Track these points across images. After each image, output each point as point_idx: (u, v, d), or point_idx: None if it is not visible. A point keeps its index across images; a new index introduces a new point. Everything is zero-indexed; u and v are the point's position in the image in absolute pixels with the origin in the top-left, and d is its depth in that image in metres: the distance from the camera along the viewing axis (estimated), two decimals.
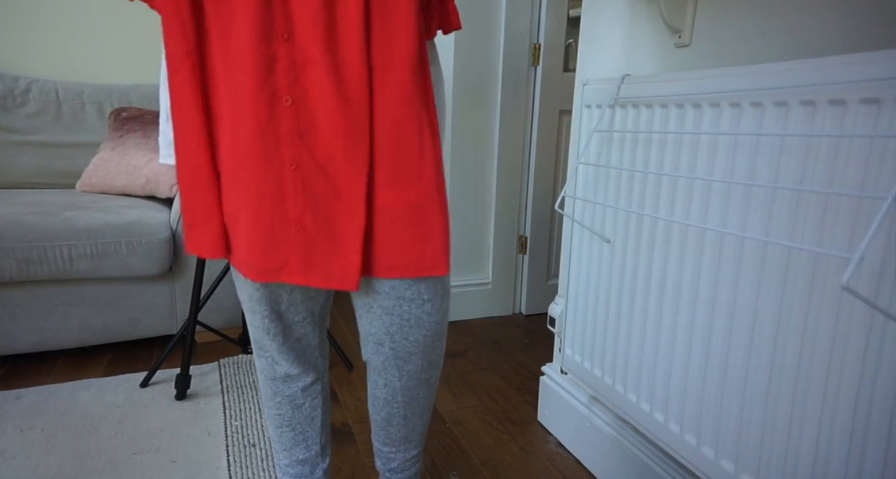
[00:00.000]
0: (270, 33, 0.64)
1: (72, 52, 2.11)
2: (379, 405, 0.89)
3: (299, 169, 0.68)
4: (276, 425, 0.90)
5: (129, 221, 1.56)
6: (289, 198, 0.69)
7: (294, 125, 0.67)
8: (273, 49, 0.65)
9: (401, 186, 0.72)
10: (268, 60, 0.65)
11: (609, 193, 1.02)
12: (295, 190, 0.69)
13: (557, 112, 2.06)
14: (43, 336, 1.55)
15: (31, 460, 1.15)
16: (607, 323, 1.05)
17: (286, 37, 0.65)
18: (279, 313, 0.82)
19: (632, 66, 1.08)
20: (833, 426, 0.65)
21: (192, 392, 1.45)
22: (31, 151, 1.95)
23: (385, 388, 0.86)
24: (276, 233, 0.71)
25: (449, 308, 0.94)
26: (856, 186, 0.61)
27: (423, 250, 0.74)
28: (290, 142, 0.67)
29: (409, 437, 0.92)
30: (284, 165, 0.68)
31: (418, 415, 0.90)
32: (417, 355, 0.82)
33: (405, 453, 0.93)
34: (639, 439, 1.09)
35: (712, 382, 0.82)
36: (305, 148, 0.68)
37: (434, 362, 0.85)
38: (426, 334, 0.81)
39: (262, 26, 0.64)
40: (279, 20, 0.64)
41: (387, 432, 0.91)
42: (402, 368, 0.83)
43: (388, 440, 0.92)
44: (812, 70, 0.65)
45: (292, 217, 0.70)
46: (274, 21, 0.64)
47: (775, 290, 0.71)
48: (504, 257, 2.15)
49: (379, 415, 0.90)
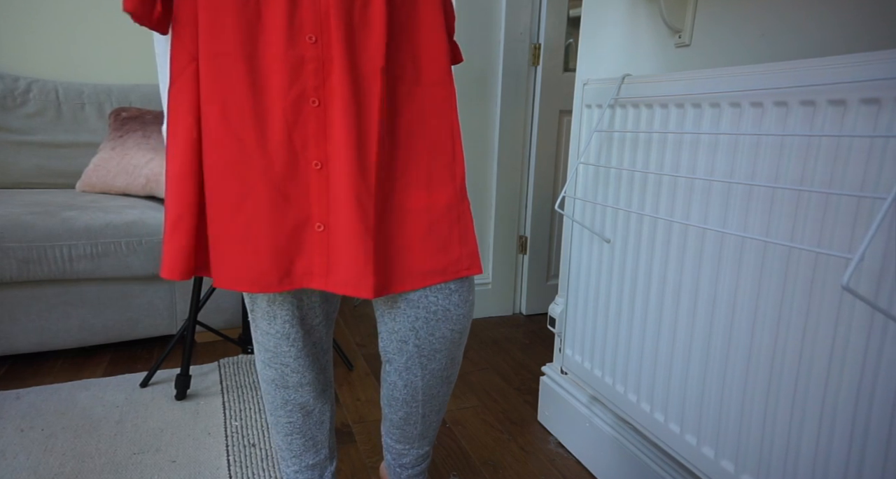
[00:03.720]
0: (299, 36, 0.67)
1: (72, 52, 2.11)
2: (397, 405, 0.87)
3: (324, 168, 0.69)
4: (286, 432, 0.88)
5: (128, 221, 1.56)
6: (313, 198, 0.70)
7: (321, 126, 0.69)
8: (301, 51, 0.67)
9: (437, 189, 0.75)
10: (297, 62, 0.67)
11: (609, 193, 1.02)
12: (319, 190, 0.70)
13: (557, 112, 2.06)
14: (43, 336, 1.55)
15: (31, 460, 1.15)
16: (607, 323, 1.05)
17: (313, 40, 0.67)
18: (301, 318, 0.80)
19: (632, 66, 1.08)
20: (833, 426, 0.65)
21: (192, 392, 1.45)
22: (31, 151, 1.94)
23: (405, 389, 0.84)
24: (300, 235, 0.70)
25: (474, 303, 0.93)
26: (856, 186, 0.61)
27: (460, 251, 0.76)
28: (317, 142, 0.69)
29: (424, 434, 0.90)
30: (310, 164, 0.69)
31: (435, 412, 0.88)
32: (442, 353, 0.81)
33: (419, 449, 0.92)
34: (639, 439, 1.09)
35: (712, 382, 0.82)
36: (331, 147, 0.69)
37: (456, 359, 0.84)
38: (453, 329, 0.79)
39: (291, 29, 0.66)
40: (307, 24, 0.67)
41: (402, 430, 0.89)
42: (426, 366, 0.81)
43: (402, 438, 0.90)
44: (812, 70, 0.65)
45: (315, 218, 0.70)
46: (303, 25, 0.67)
47: (775, 290, 0.71)
48: (504, 257, 2.15)
49: (396, 415, 0.88)
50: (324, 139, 0.69)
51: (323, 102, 0.68)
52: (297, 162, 0.69)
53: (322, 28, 0.67)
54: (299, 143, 0.69)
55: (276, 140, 0.68)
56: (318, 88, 0.68)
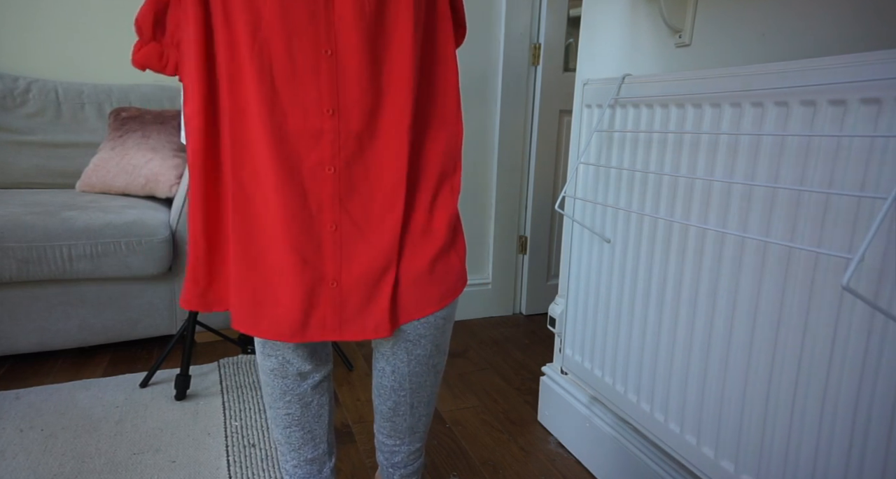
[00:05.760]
0: (319, 109, 0.72)
1: (72, 52, 2.11)
2: (385, 394, 0.89)
3: (339, 230, 0.75)
4: (285, 425, 0.90)
5: (128, 221, 1.56)
6: (327, 257, 0.75)
7: (335, 190, 0.74)
8: (320, 123, 0.72)
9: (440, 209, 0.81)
10: (316, 133, 0.72)
11: (609, 193, 1.02)
12: (334, 249, 0.75)
13: (557, 112, 2.06)
14: (43, 336, 1.55)
15: (31, 460, 1.15)
16: (607, 323, 1.05)
17: (331, 112, 0.72)
18: None
19: (632, 66, 1.08)
20: (833, 426, 0.65)
21: (192, 392, 1.45)
22: (31, 151, 1.94)
23: (392, 375, 0.86)
24: (315, 292, 0.76)
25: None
26: (856, 187, 0.61)
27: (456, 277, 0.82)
28: (332, 206, 0.75)
29: (414, 428, 0.92)
30: (325, 226, 0.75)
31: (424, 404, 0.91)
32: (427, 339, 0.83)
33: (409, 446, 0.93)
34: (639, 439, 1.09)
35: (712, 382, 0.82)
36: (345, 212, 0.75)
37: (441, 348, 0.87)
38: (437, 314, 0.83)
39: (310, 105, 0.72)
40: (326, 98, 0.72)
41: (392, 423, 0.91)
42: (412, 352, 0.84)
43: (392, 432, 0.92)
44: (812, 70, 0.65)
45: (330, 276, 0.75)
46: (322, 98, 0.71)
47: (775, 290, 0.71)
48: (504, 257, 2.15)
49: (385, 405, 0.90)
50: (338, 203, 0.75)
51: (338, 170, 0.74)
52: (313, 225, 0.75)
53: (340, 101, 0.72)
54: (315, 207, 0.74)
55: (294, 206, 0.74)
56: (333, 158, 0.73)
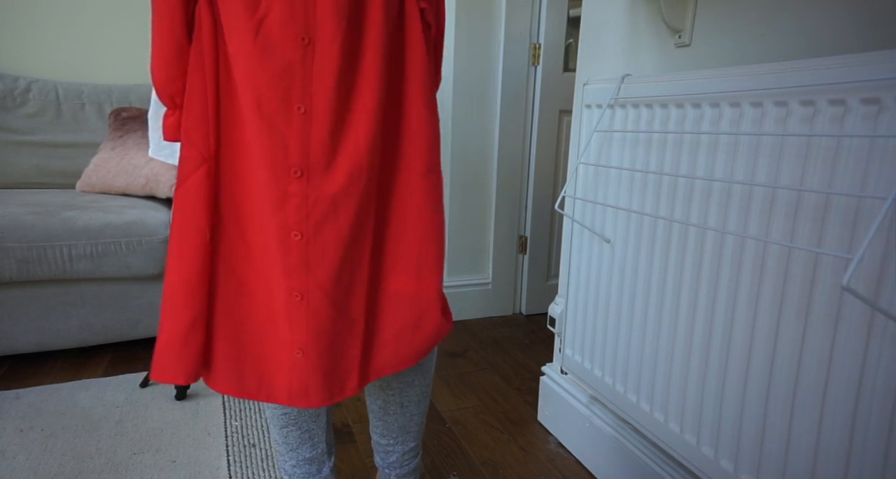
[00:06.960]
0: (285, 171, 0.68)
1: (72, 52, 2.11)
2: (374, 393, 0.90)
3: (304, 299, 0.71)
4: (282, 424, 0.90)
5: (128, 221, 1.56)
6: (295, 325, 0.71)
7: (302, 258, 0.70)
8: (285, 185, 0.68)
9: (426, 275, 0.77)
10: (281, 195, 0.68)
11: (609, 193, 1.02)
12: (298, 318, 0.71)
13: (557, 112, 2.06)
14: (43, 336, 1.55)
15: (31, 460, 1.15)
16: (607, 323, 1.05)
17: (298, 174, 0.68)
18: None
19: (632, 67, 1.08)
20: (832, 426, 0.65)
21: (192, 392, 1.45)
22: (31, 151, 1.94)
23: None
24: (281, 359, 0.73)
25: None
26: (856, 187, 0.61)
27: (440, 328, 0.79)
28: (298, 273, 0.70)
29: (406, 427, 0.92)
30: (292, 294, 0.70)
31: (415, 403, 0.91)
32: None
33: (403, 445, 0.93)
34: (639, 439, 1.09)
35: (712, 382, 0.82)
36: (312, 278, 0.70)
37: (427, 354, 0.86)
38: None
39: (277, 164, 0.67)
40: (293, 158, 0.68)
41: (384, 422, 0.92)
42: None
43: (385, 432, 0.92)
44: (812, 70, 0.65)
45: (296, 343, 0.72)
46: (288, 158, 0.67)
47: (775, 290, 0.71)
48: (504, 257, 2.15)
49: (375, 403, 0.91)
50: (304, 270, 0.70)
51: (306, 236, 0.69)
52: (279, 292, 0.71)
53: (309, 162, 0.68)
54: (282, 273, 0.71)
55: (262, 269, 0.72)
56: (300, 223, 0.69)
